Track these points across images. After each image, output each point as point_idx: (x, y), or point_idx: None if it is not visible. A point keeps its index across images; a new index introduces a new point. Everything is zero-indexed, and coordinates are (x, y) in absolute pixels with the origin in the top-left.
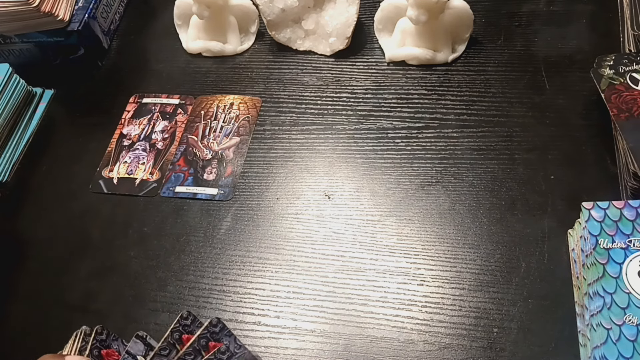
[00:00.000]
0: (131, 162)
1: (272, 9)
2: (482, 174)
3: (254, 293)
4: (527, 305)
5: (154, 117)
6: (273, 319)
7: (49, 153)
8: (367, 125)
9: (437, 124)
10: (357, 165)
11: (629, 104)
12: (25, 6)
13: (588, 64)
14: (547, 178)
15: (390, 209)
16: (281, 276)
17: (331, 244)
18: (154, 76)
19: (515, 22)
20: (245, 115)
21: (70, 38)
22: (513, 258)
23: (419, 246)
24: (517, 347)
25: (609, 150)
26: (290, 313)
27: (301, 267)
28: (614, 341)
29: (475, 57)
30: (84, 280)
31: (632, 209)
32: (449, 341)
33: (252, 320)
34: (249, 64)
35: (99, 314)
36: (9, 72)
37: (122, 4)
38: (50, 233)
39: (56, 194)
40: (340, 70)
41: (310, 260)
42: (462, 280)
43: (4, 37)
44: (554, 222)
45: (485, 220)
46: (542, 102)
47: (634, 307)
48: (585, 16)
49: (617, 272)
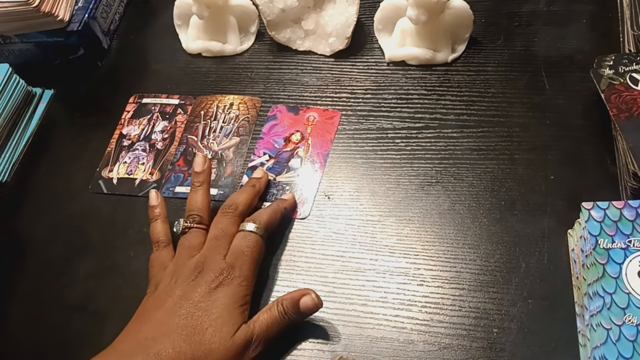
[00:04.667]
0: (131, 163)
1: (272, 9)
2: (482, 174)
3: (253, 293)
4: (527, 306)
5: (154, 117)
6: None
7: (48, 153)
8: (366, 125)
9: (436, 124)
10: (356, 166)
11: (628, 104)
12: (25, 6)
13: (588, 64)
14: (547, 178)
15: (390, 209)
16: (281, 276)
17: (331, 244)
18: (154, 76)
19: (515, 22)
20: (245, 116)
21: (70, 38)
22: (513, 258)
23: (418, 246)
24: (516, 347)
25: (609, 150)
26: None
27: (301, 267)
28: (613, 341)
29: (475, 57)
30: (84, 280)
31: (632, 209)
32: (449, 341)
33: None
34: (249, 64)
35: (99, 314)
36: (9, 72)
37: (122, 4)
38: (50, 233)
39: (56, 194)
40: (340, 70)
41: (310, 261)
42: (461, 281)
43: (4, 37)
44: (553, 222)
45: (485, 221)
46: (542, 102)
47: (633, 308)
48: (585, 16)
49: (616, 272)
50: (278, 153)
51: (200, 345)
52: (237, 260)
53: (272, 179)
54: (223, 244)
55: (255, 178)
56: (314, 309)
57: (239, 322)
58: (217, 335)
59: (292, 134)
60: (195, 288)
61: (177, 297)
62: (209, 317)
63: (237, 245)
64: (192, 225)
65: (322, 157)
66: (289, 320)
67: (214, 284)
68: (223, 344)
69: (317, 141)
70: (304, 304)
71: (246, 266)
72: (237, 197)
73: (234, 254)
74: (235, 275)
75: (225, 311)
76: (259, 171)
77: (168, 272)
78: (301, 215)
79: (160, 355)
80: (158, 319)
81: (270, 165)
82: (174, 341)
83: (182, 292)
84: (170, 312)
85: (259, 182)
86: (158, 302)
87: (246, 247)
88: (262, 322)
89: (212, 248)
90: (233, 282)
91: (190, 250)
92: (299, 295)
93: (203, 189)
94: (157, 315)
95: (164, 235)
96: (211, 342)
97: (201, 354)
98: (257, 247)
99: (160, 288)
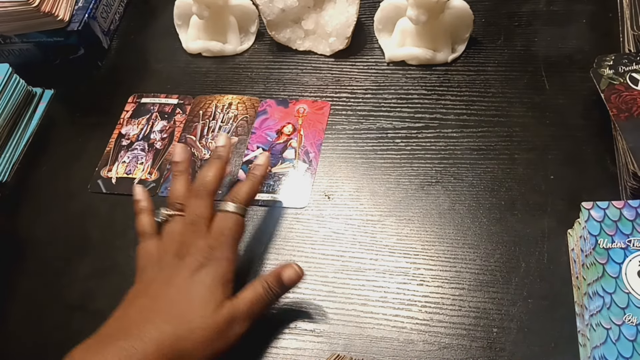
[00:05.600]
0: (130, 162)
1: (272, 9)
2: (481, 174)
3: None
4: (526, 305)
5: (153, 117)
6: (273, 319)
7: (48, 153)
8: (366, 125)
9: (436, 124)
10: (357, 165)
11: (628, 104)
12: (25, 6)
13: (588, 64)
14: (547, 178)
15: (390, 209)
16: None
17: (331, 244)
18: (154, 76)
19: (515, 22)
20: (244, 115)
21: (70, 38)
22: (513, 258)
23: (418, 246)
24: (516, 347)
25: (608, 150)
26: (290, 313)
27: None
28: (613, 341)
29: (475, 57)
30: (83, 280)
31: (632, 209)
32: (449, 341)
33: None
34: (249, 64)
35: (98, 314)
36: (9, 72)
37: (122, 4)
38: (50, 233)
39: (55, 194)
40: (340, 70)
41: (310, 260)
42: (461, 280)
43: (4, 37)
44: (553, 222)
45: (485, 220)
46: (542, 102)
47: (633, 307)
48: (585, 16)
49: (616, 272)
50: (271, 146)
51: (183, 325)
52: (217, 241)
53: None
54: (200, 228)
55: (221, 146)
56: (297, 279)
57: (220, 300)
58: (199, 314)
59: (283, 127)
60: (178, 273)
61: (160, 283)
62: (190, 297)
63: (217, 227)
64: (173, 213)
65: (315, 147)
66: (274, 295)
67: (195, 266)
68: (205, 322)
69: (310, 131)
70: (287, 277)
71: (226, 246)
72: (205, 175)
73: (214, 235)
74: (216, 256)
75: (206, 290)
76: (222, 137)
77: (153, 259)
78: (300, 205)
79: (143, 337)
80: (141, 304)
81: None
82: (157, 324)
83: (164, 278)
84: (153, 297)
85: (224, 150)
86: (142, 289)
87: (226, 228)
88: (246, 298)
89: (190, 233)
90: (214, 263)
91: (172, 237)
92: (280, 269)
93: (183, 178)
94: (141, 301)
95: (150, 226)
96: (193, 321)
97: (184, 332)
98: (236, 227)
99: (144, 276)
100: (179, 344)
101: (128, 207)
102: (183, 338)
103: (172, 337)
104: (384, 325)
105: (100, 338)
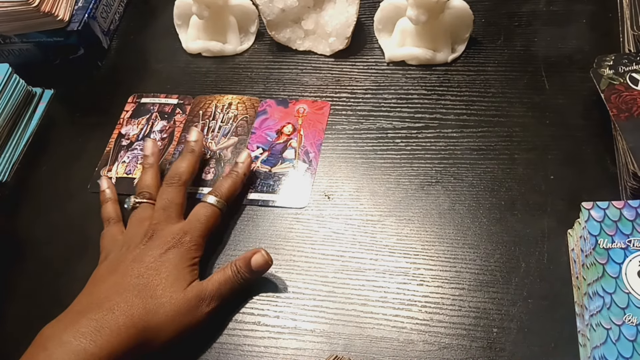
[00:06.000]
0: (130, 162)
1: (272, 9)
2: (481, 174)
3: (253, 293)
4: (526, 305)
5: (153, 117)
6: (273, 319)
7: (48, 153)
8: (366, 125)
9: (436, 124)
10: (356, 165)
11: (628, 104)
12: (25, 6)
13: (588, 64)
14: (547, 178)
15: (390, 209)
16: (281, 276)
17: (331, 244)
18: (154, 76)
19: (515, 22)
20: (244, 115)
21: (70, 38)
22: (513, 258)
23: (418, 246)
24: (516, 347)
25: (608, 150)
26: (290, 313)
27: (301, 267)
28: (613, 341)
29: (475, 57)
30: (83, 280)
31: (632, 209)
32: (449, 341)
33: (252, 320)
34: (249, 64)
35: None
36: (9, 72)
37: (122, 4)
38: (50, 233)
39: (55, 194)
40: (340, 70)
41: (310, 260)
42: (461, 280)
43: (4, 37)
44: (553, 222)
45: (484, 220)
46: (542, 102)
47: (633, 307)
48: (585, 16)
49: (616, 272)
50: (271, 146)
51: (152, 299)
52: (191, 226)
53: (267, 170)
54: (171, 213)
55: (193, 141)
56: (264, 265)
57: (188, 280)
58: (168, 290)
59: (283, 127)
60: (147, 251)
61: (129, 261)
62: (159, 275)
63: (195, 213)
64: (142, 200)
65: (315, 147)
66: (242, 279)
67: (165, 247)
68: (174, 297)
69: (310, 131)
70: (255, 262)
71: (197, 232)
72: (179, 166)
73: (190, 221)
74: (186, 239)
75: (175, 270)
76: (194, 132)
77: (119, 242)
78: (300, 205)
79: (113, 309)
80: (111, 281)
81: (264, 158)
82: (127, 297)
83: (133, 256)
84: (122, 274)
85: (197, 145)
86: (110, 267)
87: (203, 215)
88: (215, 280)
89: (160, 217)
90: (183, 246)
91: (140, 221)
92: (250, 254)
93: (153, 170)
94: (110, 278)
95: (115, 213)
96: (162, 296)
97: (153, 306)
98: (213, 217)
99: (111, 256)
100: (148, 316)
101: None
102: (152, 312)
103: (141, 310)
104: (384, 326)
105: (71, 313)
